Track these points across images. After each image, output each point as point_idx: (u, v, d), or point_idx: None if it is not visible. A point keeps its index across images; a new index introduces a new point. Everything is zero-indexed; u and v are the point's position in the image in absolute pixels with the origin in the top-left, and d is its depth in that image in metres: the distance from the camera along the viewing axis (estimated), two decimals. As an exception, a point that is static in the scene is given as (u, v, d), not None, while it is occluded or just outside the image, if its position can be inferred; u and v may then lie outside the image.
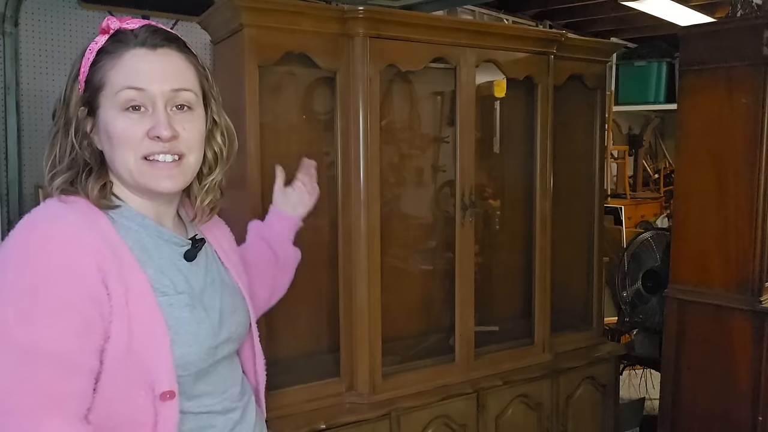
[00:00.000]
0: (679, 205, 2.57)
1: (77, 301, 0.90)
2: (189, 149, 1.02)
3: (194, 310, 1.02)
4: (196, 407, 1.03)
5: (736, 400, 2.39)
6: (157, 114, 0.98)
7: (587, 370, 2.52)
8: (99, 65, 0.98)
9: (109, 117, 0.98)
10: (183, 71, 1.02)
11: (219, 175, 1.11)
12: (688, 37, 2.51)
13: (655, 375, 3.13)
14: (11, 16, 2.33)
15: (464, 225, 2.18)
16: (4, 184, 2.37)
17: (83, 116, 1.00)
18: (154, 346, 0.95)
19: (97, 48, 1.00)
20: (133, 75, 0.97)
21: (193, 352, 1.00)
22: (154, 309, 0.96)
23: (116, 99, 0.97)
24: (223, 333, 1.07)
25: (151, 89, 0.97)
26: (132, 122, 0.97)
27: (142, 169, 0.99)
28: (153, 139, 0.98)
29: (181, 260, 1.05)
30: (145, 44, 0.99)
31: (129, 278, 0.95)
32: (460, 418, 2.18)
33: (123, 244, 0.97)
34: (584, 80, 2.53)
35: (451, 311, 2.25)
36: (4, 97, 2.35)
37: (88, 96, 0.99)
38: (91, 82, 0.99)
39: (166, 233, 1.05)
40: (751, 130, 2.31)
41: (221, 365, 1.09)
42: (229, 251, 1.22)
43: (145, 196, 1.03)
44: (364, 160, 1.95)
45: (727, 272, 2.40)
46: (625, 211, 4.47)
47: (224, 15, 1.87)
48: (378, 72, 1.96)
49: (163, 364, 0.95)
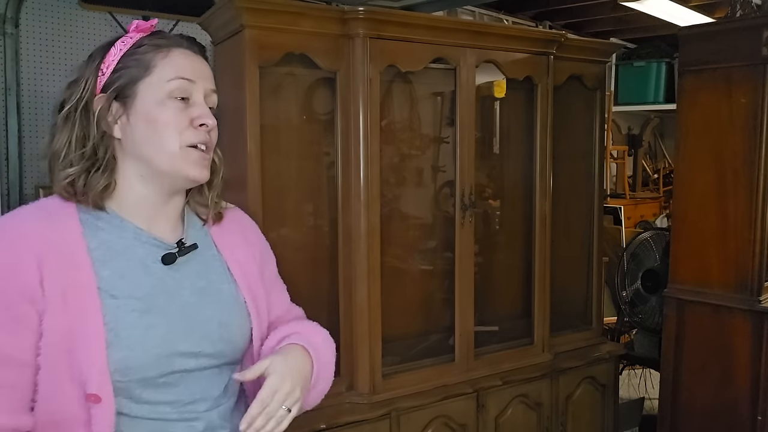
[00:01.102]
0: (678, 205, 2.58)
1: (9, 297, 0.93)
2: (212, 147, 1.09)
3: (145, 316, 0.99)
4: (150, 413, 1.01)
5: (736, 399, 2.39)
6: (200, 105, 1.06)
7: (587, 370, 2.53)
8: (141, 56, 1.04)
9: (150, 103, 1.02)
10: (212, 79, 1.11)
11: (221, 180, 1.16)
12: (687, 38, 2.51)
13: (655, 375, 3.13)
14: (12, 17, 2.33)
15: (464, 225, 2.19)
16: (5, 185, 2.37)
17: (107, 104, 1.03)
18: (88, 347, 0.94)
19: (133, 42, 1.05)
20: (184, 67, 1.05)
21: (135, 356, 0.97)
22: (94, 309, 0.95)
23: (165, 86, 1.03)
24: (184, 345, 1.02)
25: (198, 82, 1.06)
26: (178, 109, 1.03)
27: (185, 154, 1.03)
28: (197, 128, 1.04)
29: (156, 263, 1.04)
30: (191, 48, 1.09)
31: (72, 276, 0.96)
32: (460, 418, 2.18)
33: (80, 243, 0.98)
34: (584, 80, 2.54)
35: (451, 311, 2.25)
36: (4, 97, 2.35)
37: (122, 83, 1.03)
38: (127, 71, 1.03)
39: (144, 236, 1.05)
40: (750, 130, 2.32)
41: (188, 380, 1.04)
42: (244, 261, 1.18)
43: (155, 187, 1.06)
44: (364, 160, 1.95)
45: (727, 272, 2.41)
46: (625, 211, 4.47)
47: (225, 16, 1.87)
48: (378, 72, 1.96)
49: (95, 366, 0.94)
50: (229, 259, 1.16)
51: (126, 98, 1.03)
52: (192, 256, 1.09)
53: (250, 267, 1.19)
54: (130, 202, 1.05)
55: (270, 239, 2.07)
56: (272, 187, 2.02)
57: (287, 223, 2.14)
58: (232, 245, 1.18)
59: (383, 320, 2.03)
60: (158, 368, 1.00)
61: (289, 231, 2.15)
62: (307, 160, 2.16)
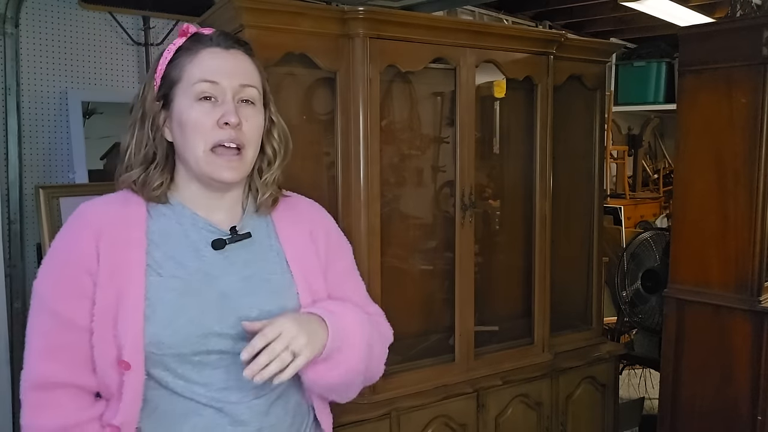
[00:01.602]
0: (678, 205, 2.58)
1: (74, 269, 1.06)
2: (248, 142, 1.11)
3: (182, 296, 1.07)
4: (184, 390, 1.07)
5: (736, 399, 2.39)
6: (226, 104, 1.09)
7: (587, 370, 2.53)
8: (176, 61, 1.11)
9: (183, 106, 1.09)
10: (249, 70, 1.14)
11: (277, 170, 1.20)
12: (687, 38, 2.51)
13: (655, 375, 3.13)
14: (12, 16, 2.33)
15: (464, 225, 2.19)
16: (5, 185, 2.37)
17: (158, 109, 1.11)
18: (127, 317, 1.04)
19: (175, 48, 1.13)
20: (208, 69, 1.09)
21: (166, 334, 1.05)
22: (138, 285, 1.05)
23: (192, 90, 1.08)
24: (218, 326, 1.07)
25: (223, 83, 1.09)
26: (204, 111, 1.08)
27: (209, 159, 1.09)
28: (222, 126, 1.08)
29: (207, 248, 1.11)
30: (219, 44, 1.12)
31: (124, 256, 1.06)
32: (460, 418, 2.18)
33: (142, 227, 1.09)
34: (584, 80, 2.54)
35: (451, 311, 2.25)
36: (4, 97, 2.35)
37: (165, 90, 1.11)
38: (168, 77, 1.11)
39: (200, 221, 1.13)
40: (750, 130, 2.32)
41: (228, 362, 1.08)
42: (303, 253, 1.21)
43: (202, 184, 1.13)
44: (364, 160, 1.95)
45: (727, 272, 2.41)
46: (625, 211, 4.47)
47: (224, 15, 1.87)
48: (378, 72, 1.96)
49: (129, 336, 1.03)
50: (287, 249, 1.19)
51: (169, 104, 1.11)
52: (246, 245, 1.15)
53: (310, 260, 1.22)
54: (189, 194, 1.14)
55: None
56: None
57: (287, 223, 2.14)
58: (294, 237, 1.22)
59: (383, 320, 2.02)
60: (191, 346, 1.06)
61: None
62: (307, 160, 2.16)
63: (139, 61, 2.67)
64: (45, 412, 1.06)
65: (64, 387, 1.06)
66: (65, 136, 2.49)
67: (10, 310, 2.36)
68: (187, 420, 1.08)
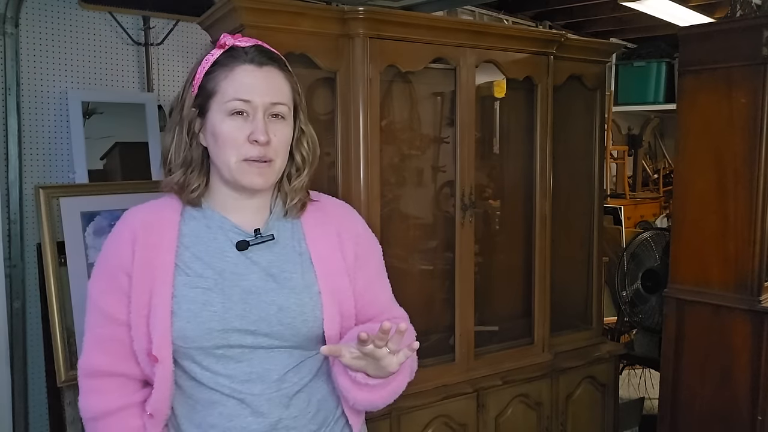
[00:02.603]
0: (678, 205, 2.58)
1: (114, 268, 1.18)
2: (276, 154, 1.17)
3: (207, 293, 1.15)
4: (210, 381, 1.16)
5: (736, 399, 2.39)
6: (257, 121, 1.14)
7: (587, 370, 2.53)
8: (213, 75, 1.16)
9: (216, 120, 1.15)
10: (282, 87, 1.19)
11: (306, 177, 1.25)
12: (687, 38, 2.51)
13: (655, 375, 3.13)
14: (12, 16, 2.33)
15: (464, 225, 2.19)
16: (5, 185, 2.37)
17: (194, 116, 1.17)
18: (158, 315, 1.13)
19: (213, 59, 1.17)
20: (242, 88, 1.14)
21: (190, 328, 1.13)
22: (167, 284, 1.14)
23: (225, 106, 1.14)
24: (239, 322, 1.14)
25: (255, 101, 1.15)
26: (236, 126, 1.14)
27: (240, 167, 1.15)
28: (252, 143, 1.14)
29: (232, 248, 1.18)
30: (254, 61, 1.16)
31: (155, 257, 1.16)
32: (460, 418, 2.18)
33: (173, 229, 1.18)
34: (584, 80, 2.54)
35: (451, 311, 2.25)
36: (4, 97, 2.35)
37: (201, 100, 1.17)
38: (204, 88, 1.17)
39: (228, 224, 1.21)
40: (750, 131, 2.32)
41: (251, 356, 1.15)
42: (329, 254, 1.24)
43: (234, 190, 1.20)
44: (364, 160, 1.96)
45: (727, 272, 2.41)
46: (625, 211, 4.47)
47: (224, 15, 1.87)
48: (378, 72, 1.96)
49: (158, 331, 1.13)
50: (313, 250, 1.24)
51: (205, 113, 1.17)
52: (270, 246, 1.21)
53: (336, 260, 1.25)
54: (219, 198, 1.22)
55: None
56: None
57: (287, 223, 2.14)
58: (320, 237, 1.26)
59: (383, 320, 2.02)
60: (213, 340, 1.14)
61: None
62: (307, 160, 2.16)
63: (139, 61, 2.67)
64: (93, 397, 1.21)
65: (110, 376, 1.20)
66: (65, 136, 2.49)
67: (10, 310, 2.36)
68: (213, 408, 1.16)
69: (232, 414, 1.15)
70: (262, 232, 1.20)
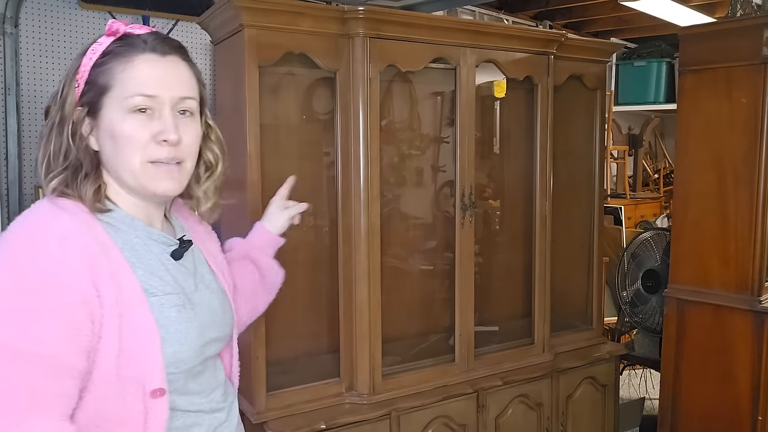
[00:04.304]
0: (678, 205, 2.58)
1: (68, 305, 0.92)
2: (187, 155, 1.06)
3: (183, 310, 1.04)
4: (186, 405, 1.06)
5: (736, 399, 2.39)
6: (164, 118, 1.01)
7: (587, 370, 2.52)
8: (105, 67, 1.00)
9: (114, 119, 1.00)
10: (188, 79, 1.06)
11: (219, 178, 1.16)
12: (687, 38, 2.51)
13: (655, 375, 3.13)
14: (11, 16, 2.32)
15: (464, 225, 2.18)
16: (4, 185, 2.37)
17: (81, 116, 1.01)
18: (145, 345, 0.97)
19: (102, 49, 1.01)
20: (144, 81, 1.00)
21: (184, 350, 1.02)
22: (145, 309, 0.98)
23: (126, 102, 1.00)
24: (210, 332, 1.10)
25: (161, 95, 1.01)
26: (139, 124, 1.00)
27: (146, 171, 1.02)
28: (159, 143, 1.01)
29: (169, 260, 1.08)
30: (156, 50, 1.02)
31: (120, 279, 0.97)
32: (460, 418, 2.18)
33: (114, 247, 1.00)
34: (584, 80, 2.53)
35: (451, 311, 2.25)
36: (4, 97, 2.35)
37: (91, 97, 1.01)
38: (94, 83, 1.01)
39: (155, 233, 1.08)
40: (750, 130, 2.32)
41: (208, 365, 1.12)
42: (215, 254, 1.24)
43: (138, 197, 1.06)
44: (364, 160, 1.95)
45: (727, 272, 2.40)
46: (625, 211, 4.47)
47: (224, 15, 1.87)
48: (378, 72, 1.96)
49: (154, 363, 0.98)
50: (205, 252, 1.20)
51: (96, 112, 1.01)
52: (189, 250, 1.13)
53: (220, 257, 1.26)
54: (128, 203, 1.06)
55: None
56: (272, 187, 2.00)
57: (287, 223, 2.14)
58: (203, 239, 1.23)
59: (383, 320, 2.02)
60: (198, 357, 1.06)
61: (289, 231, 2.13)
62: (307, 160, 2.16)
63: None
64: None
65: None
66: (65, 136, 2.48)
67: (10, 310, 2.36)
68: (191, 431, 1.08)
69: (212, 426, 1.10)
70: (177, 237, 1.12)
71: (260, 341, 1.86)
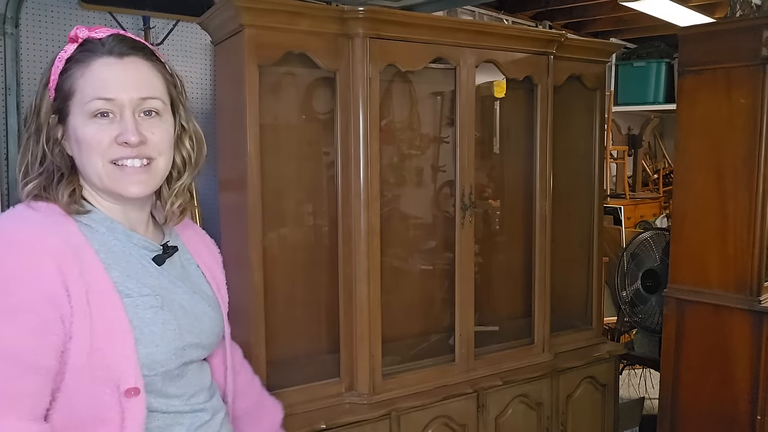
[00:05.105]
0: (678, 205, 2.58)
1: (34, 303, 0.92)
2: (159, 152, 1.05)
3: (159, 312, 1.03)
4: (164, 407, 1.06)
5: (735, 399, 2.39)
6: (124, 121, 1.01)
7: (587, 370, 2.53)
8: (68, 74, 1.02)
9: (78, 123, 1.01)
10: (150, 79, 1.05)
11: (188, 179, 1.14)
12: (687, 38, 2.51)
13: (655, 375, 3.13)
14: (12, 16, 2.32)
15: (464, 225, 2.19)
16: (5, 185, 2.37)
17: (54, 123, 1.03)
18: (118, 344, 0.97)
19: (66, 56, 1.03)
20: (101, 85, 1.00)
21: (159, 351, 1.02)
22: (118, 308, 0.98)
23: (85, 108, 1.00)
24: (191, 337, 1.08)
25: (120, 98, 1.01)
26: (100, 128, 1.00)
27: (111, 173, 1.02)
28: (121, 144, 1.01)
29: (151, 263, 1.08)
30: (113, 53, 1.02)
31: (91, 279, 0.97)
32: (460, 418, 2.18)
33: (88, 248, 1.00)
34: (584, 80, 2.54)
35: (451, 311, 2.25)
36: (4, 97, 2.35)
37: (59, 104, 1.02)
38: (61, 90, 1.02)
39: (135, 237, 1.08)
40: (749, 131, 2.32)
41: (190, 370, 1.11)
42: (212, 266, 1.24)
43: (115, 201, 1.06)
44: (364, 160, 1.95)
45: (726, 272, 2.41)
46: (625, 211, 4.47)
47: (224, 15, 1.87)
48: (378, 72, 1.96)
49: (128, 362, 0.97)
50: (199, 262, 1.21)
51: (64, 118, 1.03)
52: (175, 258, 1.13)
53: (218, 271, 1.26)
54: (106, 206, 1.07)
55: (270, 239, 2.08)
56: (272, 187, 2.02)
57: (287, 223, 2.14)
58: (198, 249, 1.23)
59: (383, 320, 2.03)
60: (175, 360, 1.05)
61: (289, 231, 2.15)
62: (307, 160, 2.16)
63: (139, 61, 2.67)
64: None
65: None
66: (65, 136, 2.49)
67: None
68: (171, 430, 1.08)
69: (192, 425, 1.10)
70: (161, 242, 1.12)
71: (260, 341, 1.86)
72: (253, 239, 1.84)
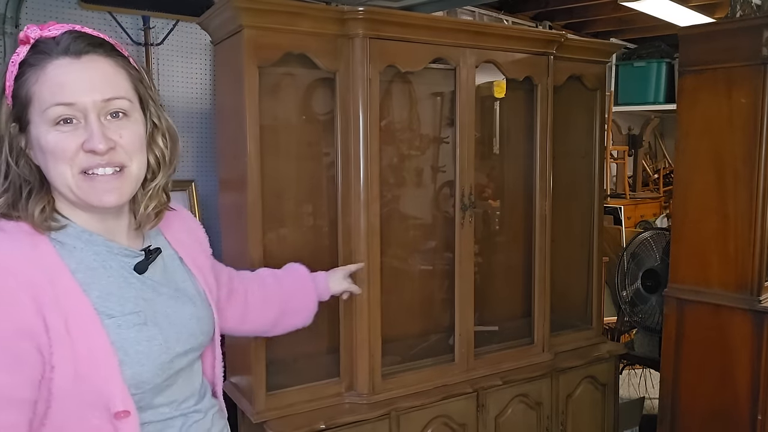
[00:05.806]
0: (678, 204, 2.58)
1: (5, 339, 0.87)
2: (130, 157, 0.98)
3: (144, 329, 0.99)
4: (154, 416, 1.03)
5: (736, 398, 2.39)
6: (90, 126, 0.94)
7: (587, 370, 2.53)
8: (23, 79, 0.94)
9: (40, 132, 0.94)
10: (112, 78, 0.97)
11: (163, 179, 1.07)
12: (687, 38, 2.51)
13: (655, 374, 3.13)
14: (12, 16, 2.33)
15: (464, 225, 2.19)
16: (5, 185, 2.37)
17: (15, 133, 0.95)
18: (102, 369, 0.93)
19: (19, 60, 0.95)
20: (59, 89, 0.93)
21: (145, 370, 0.98)
22: (99, 332, 0.93)
23: (45, 115, 0.93)
24: (179, 346, 1.05)
25: (81, 101, 0.93)
26: (64, 135, 0.93)
27: (81, 184, 0.95)
28: (88, 152, 0.94)
29: (132, 274, 1.03)
30: (68, 52, 0.94)
31: (69, 305, 0.92)
32: (460, 418, 2.18)
33: (64, 269, 0.94)
34: (584, 81, 2.54)
35: (451, 311, 2.25)
36: (4, 97, 2.35)
37: (17, 112, 0.95)
38: (17, 98, 0.94)
39: (115, 247, 1.02)
40: (750, 131, 2.32)
41: (180, 377, 1.08)
42: (196, 255, 1.20)
43: (90, 211, 1.00)
44: (364, 160, 1.95)
45: (726, 272, 2.41)
46: (625, 211, 4.47)
47: (224, 16, 1.87)
48: (377, 72, 1.96)
49: (114, 385, 0.93)
50: (184, 256, 1.16)
51: (25, 127, 0.95)
52: (157, 260, 1.08)
53: (202, 260, 1.22)
54: (82, 217, 1.00)
55: (269, 239, 2.08)
56: (272, 188, 2.02)
57: (287, 224, 2.14)
58: (183, 242, 1.19)
59: (383, 320, 2.03)
60: (163, 374, 1.02)
61: (289, 231, 2.15)
62: (307, 160, 2.16)
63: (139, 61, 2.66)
64: None
65: None
66: (65, 137, 2.49)
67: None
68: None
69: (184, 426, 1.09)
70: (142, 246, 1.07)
71: (260, 341, 1.86)
72: (253, 239, 1.84)
